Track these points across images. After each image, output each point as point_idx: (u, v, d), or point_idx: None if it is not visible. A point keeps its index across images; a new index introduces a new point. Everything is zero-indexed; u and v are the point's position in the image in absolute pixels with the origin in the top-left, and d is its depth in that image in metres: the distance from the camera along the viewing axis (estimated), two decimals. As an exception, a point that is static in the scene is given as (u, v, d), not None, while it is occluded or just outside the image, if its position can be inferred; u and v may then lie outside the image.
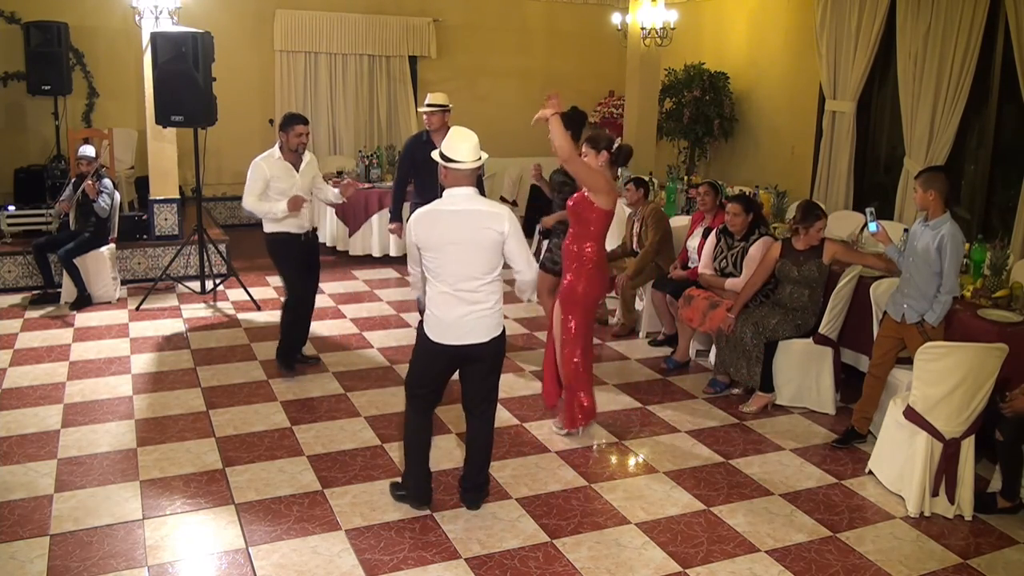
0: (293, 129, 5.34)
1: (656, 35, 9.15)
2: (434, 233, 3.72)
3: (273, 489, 4.19)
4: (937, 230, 4.43)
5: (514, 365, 6.00)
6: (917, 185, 4.52)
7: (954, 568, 3.73)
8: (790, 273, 5.26)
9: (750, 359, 5.26)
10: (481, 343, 3.79)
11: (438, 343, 3.80)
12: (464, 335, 3.77)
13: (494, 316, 3.81)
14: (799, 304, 5.26)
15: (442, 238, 3.71)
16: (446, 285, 3.73)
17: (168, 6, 7.51)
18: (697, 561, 3.70)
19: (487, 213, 3.75)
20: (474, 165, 3.74)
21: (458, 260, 3.71)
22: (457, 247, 3.70)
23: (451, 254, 3.71)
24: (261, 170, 5.34)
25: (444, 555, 3.68)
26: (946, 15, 7.25)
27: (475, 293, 3.74)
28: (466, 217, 3.71)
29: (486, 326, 3.79)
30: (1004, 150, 7.22)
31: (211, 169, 9.77)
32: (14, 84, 9.11)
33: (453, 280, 3.72)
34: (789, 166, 9.37)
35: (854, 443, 4.84)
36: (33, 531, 3.76)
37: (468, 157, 3.73)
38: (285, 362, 5.72)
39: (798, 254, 5.26)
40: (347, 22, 10.48)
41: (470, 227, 3.70)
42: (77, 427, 4.83)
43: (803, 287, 5.24)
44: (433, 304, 3.79)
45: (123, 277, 7.72)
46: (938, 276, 4.44)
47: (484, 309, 3.77)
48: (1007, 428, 4.03)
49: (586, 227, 4.66)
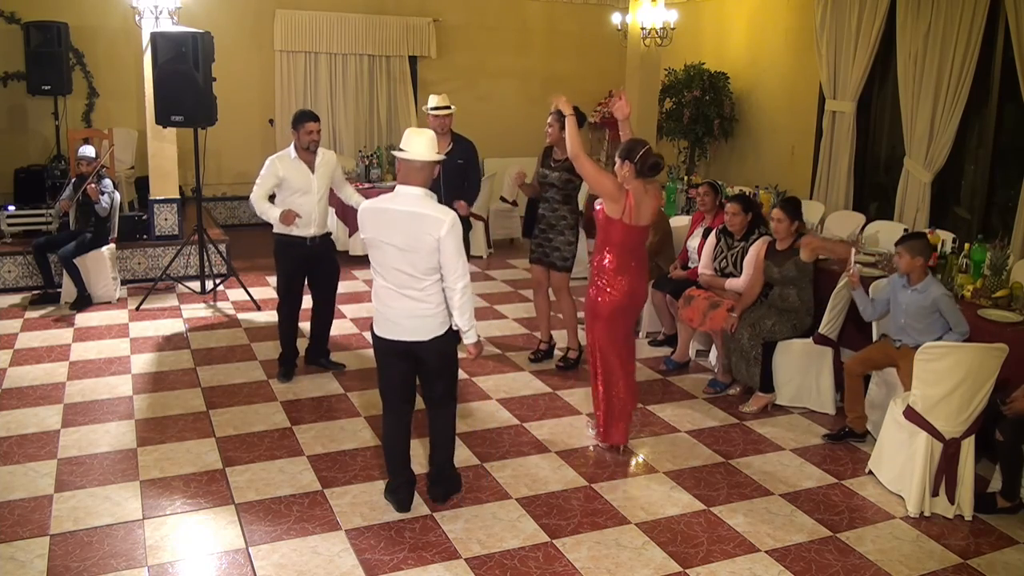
0: (304, 127, 5.26)
1: (656, 35, 9.14)
2: (376, 230, 3.73)
3: (273, 489, 4.19)
4: (925, 293, 4.53)
5: (514, 365, 6.00)
6: (902, 251, 4.58)
7: (954, 568, 3.73)
8: (772, 273, 5.30)
9: (748, 360, 5.27)
10: (422, 342, 3.78)
11: (382, 337, 3.84)
12: (404, 332, 3.78)
13: (435, 317, 3.78)
14: (790, 305, 5.26)
15: (382, 236, 3.71)
16: (386, 281, 3.76)
17: (168, 6, 7.51)
18: (697, 561, 3.70)
19: (429, 217, 3.66)
20: (424, 158, 3.72)
21: (397, 259, 3.70)
22: (395, 248, 3.69)
23: (389, 253, 3.71)
24: (274, 168, 5.27)
25: (444, 555, 3.68)
26: (946, 15, 7.26)
27: (415, 292, 3.72)
28: (409, 219, 3.67)
29: (426, 326, 3.77)
30: (1004, 150, 7.22)
31: (211, 169, 9.77)
32: (14, 84, 9.11)
33: (392, 278, 3.74)
34: (789, 166, 9.38)
35: (850, 440, 4.86)
36: (33, 531, 3.76)
37: (420, 150, 3.74)
38: (281, 367, 5.61)
39: (778, 254, 5.31)
40: (347, 22, 10.47)
41: (410, 229, 3.66)
42: (77, 427, 4.83)
43: (787, 287, 5.26)
44: (376, 298, 3.84)
45: (123, 277, 7.72)
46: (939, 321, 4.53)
47: (424, 308, 3.75)
48: (1007, 428, 4.03)
49: (605, 236, 4.55)
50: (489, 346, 6.39)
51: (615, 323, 4.60)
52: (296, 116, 5.36)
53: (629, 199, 4.41)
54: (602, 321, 4.59)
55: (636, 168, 4.42)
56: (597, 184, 4.47)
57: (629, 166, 4.44)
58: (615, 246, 4.52)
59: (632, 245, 4.53)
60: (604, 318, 4.58)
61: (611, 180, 4.45)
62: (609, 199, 4.44)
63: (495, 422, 5.06)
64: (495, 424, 5.03)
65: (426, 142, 3.78)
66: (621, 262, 4.53)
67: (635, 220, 4.45)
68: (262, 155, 10.22)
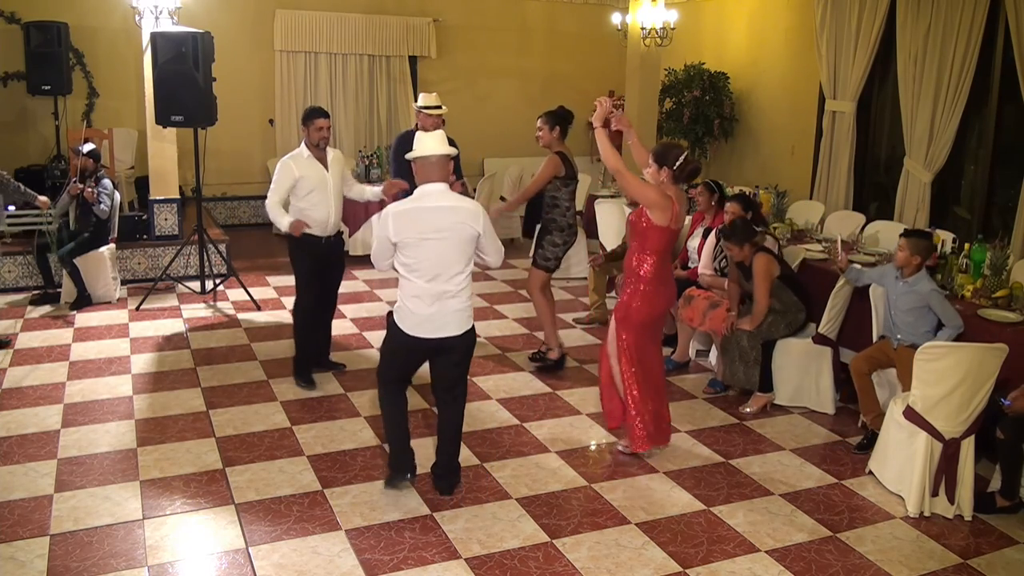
0: (314, 123, 5.23)
1: (656, 35, 9.15)
2: (414, 229, 3.81)
3: (273, 489, 4.19)
4: (916, 287, 4.57)
5: (515, 365, 6.00)
6: (904, 244, 4.61)
7: (954, 568, 3.73)
8: (745, 287, 5.34)
9: (748, 362, 5.25)
10: (454, 336, 3.92)
11: (412, 336, 3.91)
12: (438, 329, 3.89)
13: (467, 310, 3.96)
14: (775, 307, 5.24)
15: (422, 234, 3.81)
16: (423, 280, 3.84)
17: (168, 6, 7.51)
18: (697, 561, 3.70)
19: (464, 210, 3.88)
20: (443, 151, 3.91)
21: (437, 255, 3.82)
22: (436, 243, 3.82)
23: (430, 249, 3.82)
24: (288, 170, 5.19)
25: (444, 555, 3.68)
26: (946, 15, 7.26)
27: (450, 288, 3.86)
28: (446, 213, 3.84)
29: (459, 320, 3.92)
30: (1004, 150, 7.22)
31: (211, 169, 9.76)
32: (14, 84, 9.11)
33: (430, 275, 3.83)
34: (789, 166, 9.38)
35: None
36: (33, 531, 3.76)
37: (434, 145, 3.91)
38: (301, 374, 5.52)
39: (744, 268, 5.31)
40: (347, 22, 10.48)
41: (449, 222, 3.83)
42: (77, 427, 4.83)
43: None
44: (408, 299, 3.90)
45: (123, 277, 7.72)
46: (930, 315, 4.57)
47: (459, 303, 3.90)
48: (1008, 427, 4.03)
49: (643, 242, 4.44)
50: (489, 346, 6.39)
51: (647, 330, 4.55)
52: (306, 113, 5.32)
53: (675, 206, 4.37)
54: (632, 325, 4.49)
55: (674, 174, 4.40)
56: (643, 198, 4.37)
57: (667, 172, 4.40)
58: (656, 252, 4.43)
59: (668, 249, 4.51)
60: (636, 322, 4.48)
61: (655, 191, 4.36)
62: (658, 209, 4.34)
63: (495, 422, 5.06)
64: (495, 424, 5.03)
65: (438, 139, 3.95)
66: (661, 268, 4.47)
67: (679, 224, 4.46)
68: (262, 155, 10.41)
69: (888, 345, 4.75)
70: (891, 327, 4.74)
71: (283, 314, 7.02)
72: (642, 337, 4.54)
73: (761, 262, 5.17)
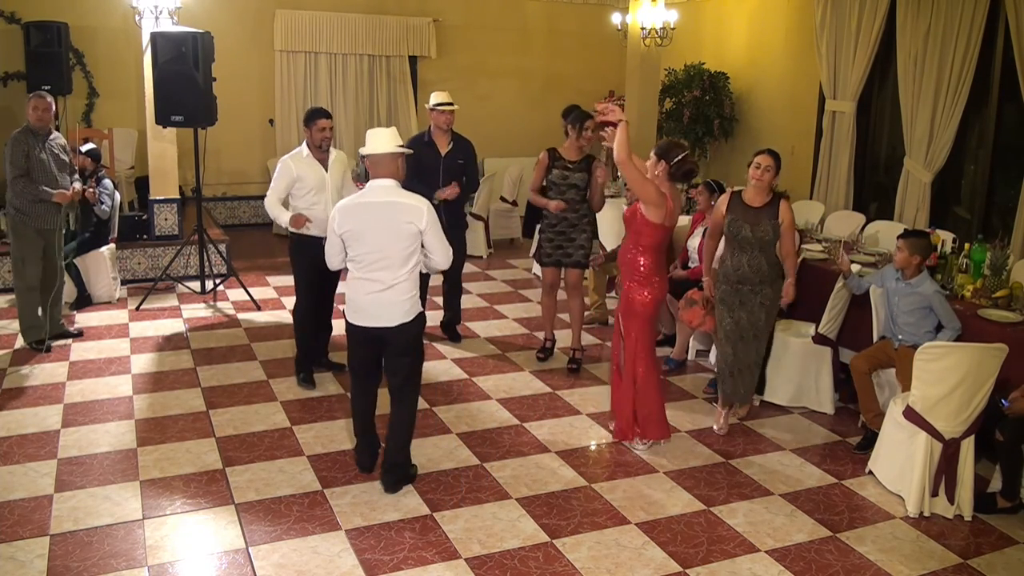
0: (316, 124, 5.24)
1: (656, 35, 9.15)
2: (356, 223, 3.96)
3: (273, 489, 4.19)
4: (919, 289, 4.59)
5: (515, 365, 6.01)
6: (902, 245, 4.65)
7: (954, 568, 3.73)
8: (742, 233, 4.77)
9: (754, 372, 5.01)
10: (389, 327, 4.00)
11: (353, 324, 4.08)
12: (373, 318, 4.00)
13: (405, 303, 4.01)
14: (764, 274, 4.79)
15: (363, 227, 3.94)
16: (362, 271, 3.99)
17: (168, 6, 7.51)
18: (697, 561, 3.70)
19: (406, 205, 3.96)
20: (383, 150, 4.02)
21: (376, 248, 3.93)
22: (374, 236, 3.92)
23: (369, 242, 3.94)
24: (287, 169, 5.22)
25: (444, 555, 3.68)
26: (946, 15, 7.25)
27: (388, 280, 3.95)
28: (387, 208, 3.94)
29: (394, 311, 3.99)
30: (1004, 150, 7.22)
31: (211, 169, 9.77)
32: (14, 84, 9.10)
33: (368, 267, 3.96)
34: (789, 166, 9.32)
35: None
36: (33, 531, 3.76)
37: (380, 143, 4.03)
38: (302, 374, 5.52)
39: (749, 211, 4.81)
40: (347, 22, 10.48)
41: (389, 218, 3.92)
42: (77, 427, 4.83)
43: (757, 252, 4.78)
44: (350, 288, 4.07)
45: (123, 277, 7.72)
46: (931, 316, 4.59)
47: (395, 295, 3.97)
48: (1007, 428, 4.03)
49: (637, 238, 4.59)
50: (489, 346, 6.39)
51: (652, 321, 4.72)
52: (308, 114, 5.34)
53: (669, 203, 4.47)
54: (644, 320, 4.67)
55: (670, 171, 4.51)
56: (642, 192, 4.47)
57: (664, 166, 4.52)
58: (650, 248, 4.58)
59: (664, 245, 4.66)
60: (646, 317, 4.66)
61: (654, 187, 4.46)
62: (653, 205, 4.46)
63: (495, 422, 5.06)
64: (495, 424, 5.03)
65: (386, 137, 4.07)
66: (657, 263, 4.62)
67: (672, 222, 4.55)
68: (262, 155, 10.41)
69: (888, 345, 4.75)
70: (892, 328, 4.74)
71: (283, 314, 7.02)
72: (652, 328, 4.74)
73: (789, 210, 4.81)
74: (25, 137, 5.77)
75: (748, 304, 4.86)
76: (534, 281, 8.23)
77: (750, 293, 4.84)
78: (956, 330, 4.50)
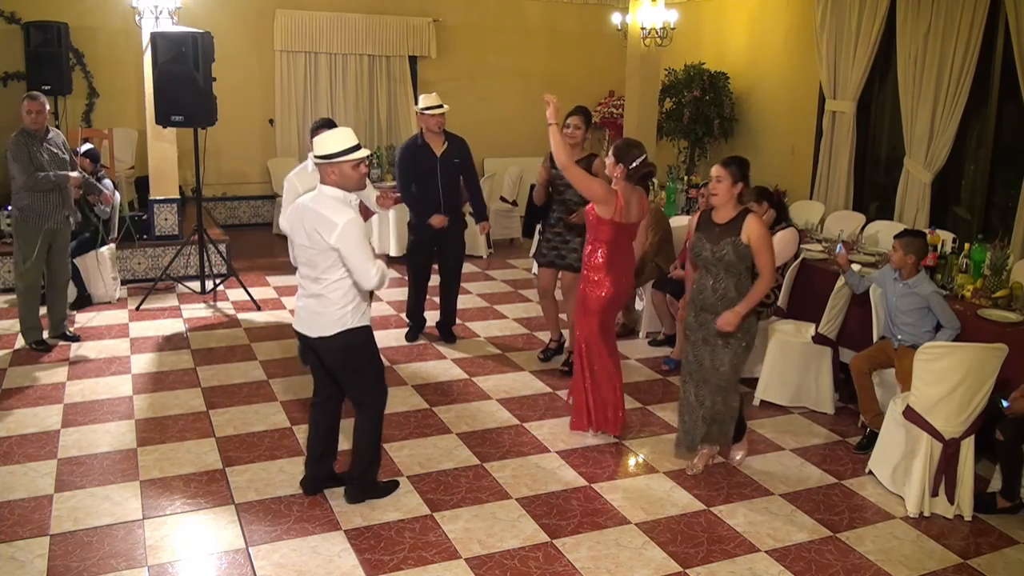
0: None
1: (656, 35, 9.14)
2: (287, 224, 3.90)
3: (273, 489, 4.19)
4: (917, 289, 4.60)
5: (515, 365, 6.00)
6: (897, 245, 4.67)
7: (954, 568, 3.73)
8: (702, 252, 4.23)
9: (710, 425, 4.38)
10: (312, 337, 3.85)
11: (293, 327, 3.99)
12: (299, 323, 3.91)
13: (323, 316, 3.78)
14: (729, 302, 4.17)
15: (291, 230, 3.86)
16: (299, 274, 3.90)
17: (168, 6, 7.51)
18: (697, 561, 3.70)
19: (324, 218, 3.65)
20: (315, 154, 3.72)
21: (301, 252, 3.82)
22: (300, 242, 3.80)
23: (296, 247, 3.86)
24: (292, 186, 5.19)
25: (444, 555, 3.68)
26: (946, 15, 7.26)
27: (316, 288, 3.79)
28: (311, 216, 3.70)
29: (313, 322, 3.83)
30: (1004, 150, 7.22)
31: (211, 169, 9.77)
32: (14, 84, 9.10)
33: (300, 271, 3.87)
34: (789, 166, 9.37)
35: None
36: (33, 531, 3.76)
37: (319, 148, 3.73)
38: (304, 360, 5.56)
39: (714, 228, 4.23)
40: (347, 22, 10.48)
41: (309, 227, 3.70)
42: (77, 427, 4.83)
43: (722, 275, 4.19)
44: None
45: (123, 277, 7.72)
46: (929, 316, 4.60)
47: (316, 305, 3.80)
48: (1007, 428, 4.03)
49: (596, 232, 4.67)
50: (489, 346, 6.39)
51: (607, 316, 4.77)
52: (315, 126, 5.26)
53: (619, 200, 4.56)
54: (595, 315, 4.71)
55: (628, 173, 4.58)
56: (587, 191, 4.59)
57: (622, 169, 4.59)
58: (606, 243, 4.65)
59: (623, 241, 4.69)
60: (597, 311, 4.70)
61: (600, 185, 4.58)
62: (601, 203, 4.57)
63: (495, 422, 5.06)
64: (495, 424, 5.03)
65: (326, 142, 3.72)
66: (612, 258, 4.67)
67: (625, 218, 4.60)
68: (262, 155, 10.42)
69: (888, 345, 4.75)
70: (891, 328, 4.74)
71: (283, 314, 7.02)
72: (608, 322, 4.77)
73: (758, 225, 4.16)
74: (23, 139, 5.77)
75: (712, 342, 4.25)
76: (534, 281, 8.20)
77: (714, 324, 4.20)
78: (955, 329, 4.51)
